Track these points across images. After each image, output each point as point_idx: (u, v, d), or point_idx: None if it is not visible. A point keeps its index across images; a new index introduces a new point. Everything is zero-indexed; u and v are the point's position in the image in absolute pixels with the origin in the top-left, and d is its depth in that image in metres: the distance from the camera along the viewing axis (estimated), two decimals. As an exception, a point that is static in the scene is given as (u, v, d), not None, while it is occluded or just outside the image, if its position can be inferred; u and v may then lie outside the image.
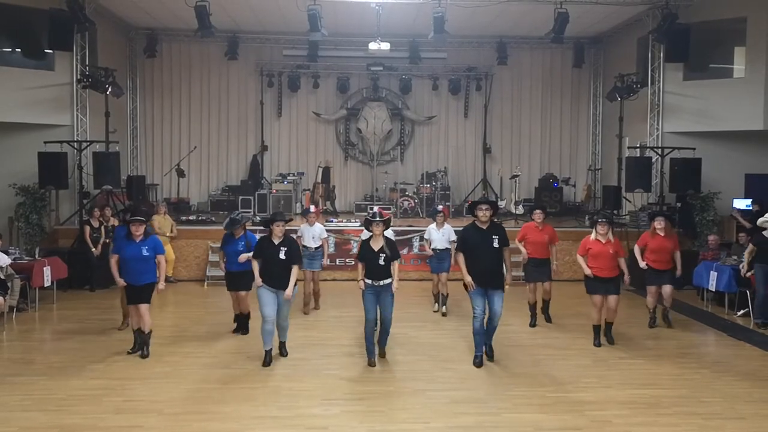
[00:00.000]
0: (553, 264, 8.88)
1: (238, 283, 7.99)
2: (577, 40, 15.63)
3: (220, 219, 12.46)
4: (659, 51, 13.15)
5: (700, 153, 12.25)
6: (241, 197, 14.92)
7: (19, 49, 12.73)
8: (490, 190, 16.18)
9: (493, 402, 5.95)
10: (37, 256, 9.77)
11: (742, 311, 9.42)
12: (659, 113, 13.38)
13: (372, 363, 6.97)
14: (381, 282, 6.91)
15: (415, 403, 5.92)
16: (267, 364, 6.91)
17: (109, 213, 11.48)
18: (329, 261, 9.90)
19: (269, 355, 6.98)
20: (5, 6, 11.81)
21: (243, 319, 8.33)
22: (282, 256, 6.89)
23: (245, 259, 7.66)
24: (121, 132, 14.77)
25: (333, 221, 13.06)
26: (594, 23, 14.48)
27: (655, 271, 8.59)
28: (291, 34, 15.41)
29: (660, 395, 6.15)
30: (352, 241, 12.05)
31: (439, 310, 9.57)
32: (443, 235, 9.40)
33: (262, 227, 8.80)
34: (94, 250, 10.95)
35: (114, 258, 7.30)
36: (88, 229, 11.04)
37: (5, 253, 8.94)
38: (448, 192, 15.46)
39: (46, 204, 12.39)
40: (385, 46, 13.17)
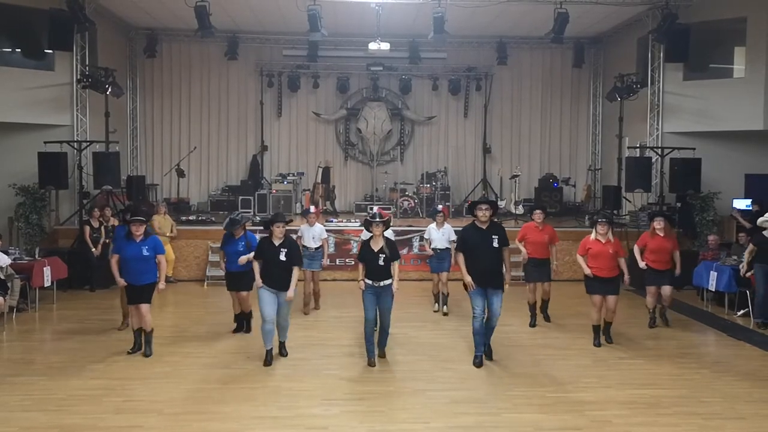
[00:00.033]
0: (553, 264, 8.90)
1: (239, 283, 8.00)
2: (577, 40, 15.63)
3: (220, 219, 12.45)
4: (659, 51, 13.15)
5: (700, 153, 12.26)
6: (241, 197, 14.92)
7: (19, 49, 12.74)
8: (490, 190, 16.17)
9: (493, 402, 5.95)
10: (37, 256, 9.77)
11: (742, 311, 9.43)
12: (659, 113, 13.38)
13: (372, 363, 6.97)
14: (381, 282, 6.92)
15: (415, 403, 5.92)
16: (268, 363, 6.93)
17: (109, 213, 11.48)
18: (329, 261, 9.91)
19: (270, 355, 6.99)
20: (5, 6, 11.82)
21: (245, 317, 8.35)
22: (282, 257, 6.90)
23: (245, 261, 7.68)
24: (121, 132, 14.77)
25: (333, 221, 13.07)
26: (594, 23, 14.48)
27: (655, 271, 8.60)
28: (291, 34, 15.41)
29: (660, 395, 6.15)
30: (352, 241, 12.05)
31: (440, 309, 9.57)
32: (443, 234, 9.42)
33: (262, 228, 8.80)
34: (94, 250, 10.96)
35: (114, 258, 7.32)
36: (88, 229, 11.05)
37: (5, 253, 8.94)
38: (448, 192, 15.45)
39: (46, 204, 12.40)
40: (385, 46, 13.17)
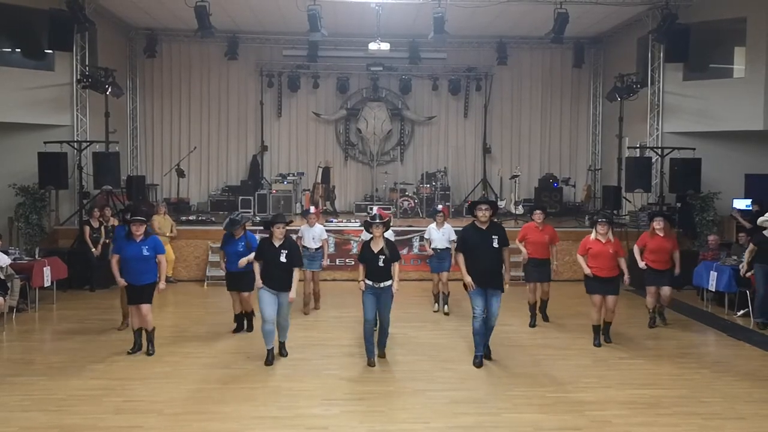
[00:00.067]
0: (553, 264, 8.90)
1: (239, 283, 8.00)
2: (577, 40, 15.63)
3: (220, 219, 12.45)
4: (659, 51, 13.15)
5: (700, 153, 12.25)
6: (241, 197, 14.92)
7: (19, 49, 12.73)
8: (490, 190, 16.17)
9: (493, 402, 5.95)
10: (37, 257, 9.77)
11: (742, 311, 9.42)
12: (659, 113, 13.37)
13: (371, 363, 6.98)
14: (381, 284, 6.92)
15: (415, 403, 5.92)
16: (269, 362, 6.95)
17: (109, 213, 11.48)
18: (329, 261, 9.91)
19: (271, 354, 7.01)
20: (5, 6, 11.82)
21: (247, 316, 8.37)
22: (283, 258, 6.90)
23: (245, 263, 7.69)
24: (121, 132, 14.77)
25: (333, 221, 13.07)
26: (594, 23, 14.48)
27: (655, 271, 8.61)
28: (291, 34, 15.41)
29: (660, 395, 6.15)
30: (352, 242, 12.05)
31: (440, 309, 9.58)
32: (443, 234, 9.43)
33: (262, 228, 8.80)
34: (94, 250, 10.96)
35: (115, 258, 7.32)
36: (87, 229, 11.05)
37: (5, 253, 8.94)
38: (448, 192, 15.44)
39: (46, 204, 12.39)
40: (385, 46, 13.16)
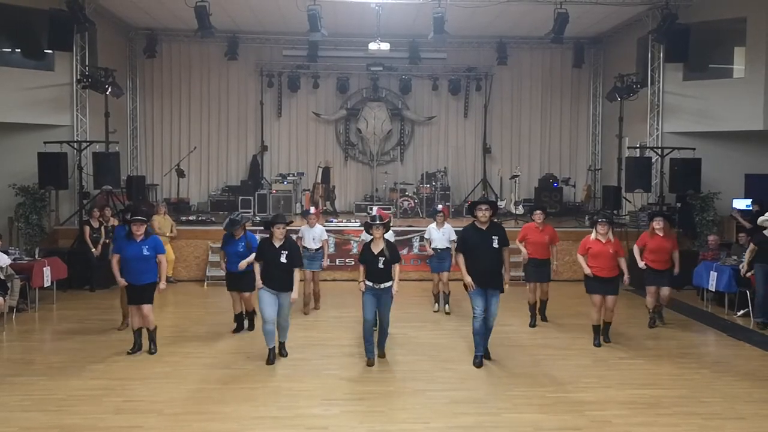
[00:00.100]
0: (553, 264, 8.91)
1: (240, 283, 8.00)
2: (576, 40, 15.63)
3: (220, 219, 12.46)
4: (659, 51, 13.15)
5: (700, 153, 12.25)
6: (241, 197, 14.92)
7: (19, 49, 12.74)
8: (490, 190, 16.17)
9: (493, 402, 5.95)
10: (36, 257, 9.76)
11: (742, 311, 9.43)
12: (659, 113, 13.37)
13: (371, 363, 6.98)
14: (381, 285, 6.93)
15: (415, 403, 5.92)
16: (270, 361, 6.96)
17: (108, 213, 11.48)
18: (329, 261, 9.91)
19: (273, 353, 7.03)
20: (5, 6, 11.81)
21: (249, 315, 8.39)
22: (283, 259, 6.90)
23: (245, 265, 7.70)
24: (121, 132, 14.77)
25: (333, 221, 13.07)
26: (594, 23, 14.48)
27: (654, 271, 8.62)
28: (291, 34, 15.41)
29: (660, 395, 6.15)
30: (352, 242, 12.06)
31: (441, 309, 9.59)
32: (443, 234, 9.43)
33: (262, 228, 8.80)
34: (94, 250, 10.96)
35: (115, 258, 7.32)
36: (87, 229, 11.05)
37: (5, 253, 8.94)
38: (448, 192, 15.44)
39: (46, 204, 12.39)
40: (385, 46, 13.16)
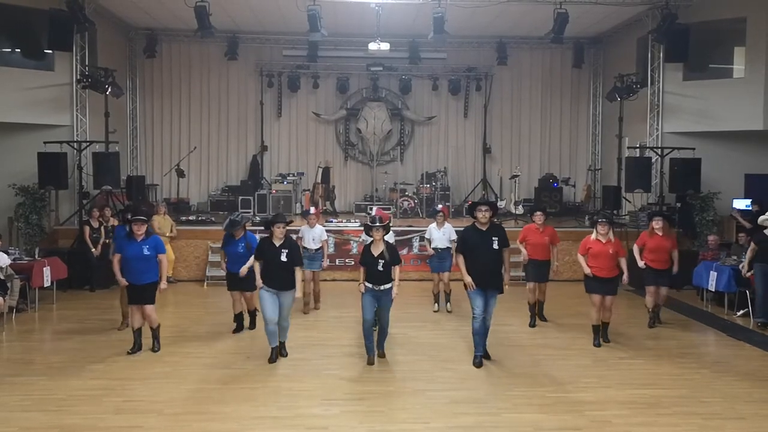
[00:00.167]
0: (554, 265, 8.90)
1: (241, 283, 7.98)
2: (576, 40, 15.63)
3: (220, 219, 12.46)
4: (659, 51, 13.14)
5: (699, 153, 12.25)
6: (240, 197, 14.92)
7: (19, 49, 12.73)
8: (489, 190, 16.17)
9: (493, 402, 5.95)
10: (36, 257, 9.76)
11: (742, 311, 9.43)
12: (659, 113, 13.37)
13: (371, 361, 6.99)
14: (381, 287, 6.93)
15: (415, 403, 5.92)
16: (272, 360, 6.99)
17: (108, 213, 11.47)
18: (329, 261, 9.91)
19: (275, 352, 7.05)
20: (5, 6, 11.81)
21: (250, 315, 8.40)
22: (283, 258, 6.91)
23: (246, 271, 7.68)
24: (121, 132, 14.77)
25: (333, 221, 13.06)
26: (594, 23, 14.48)
27: (654, 270, 8.63)
28: (291, 34, 15.41)
29: (660, 395, 6.15)
30: (352, 242, 12.06)
31: (442, 308, 9.61)
32: (444, 234, 9.43)
33: (263, 227, 8.80)
34: (94, 250, 10.95)
35: (116, 257, 7.32)
36: (87, 229, 11.04)
37: (5, 253, 8.94)
38: (447, 192, 15.43)
39: (46, 204, 12.39)
40: (385, 46, 13.16)
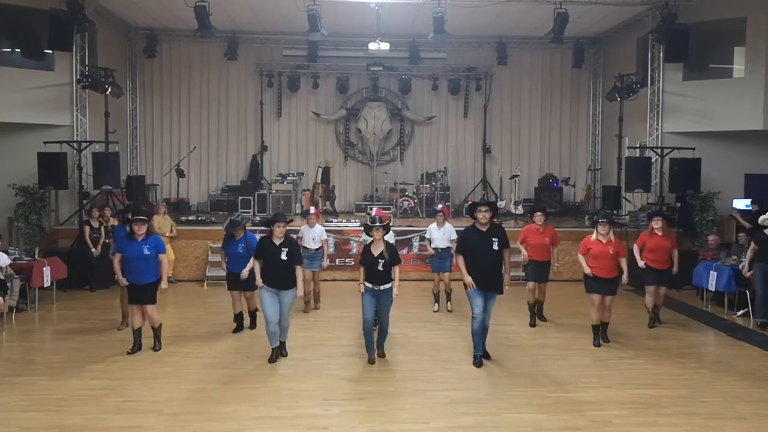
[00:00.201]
0: (554, 265, 8.90)
1: (242, 283, 7.96)
2: (576, 40, 15.63)
3: (219, 219, 12.46)
4: (659, 51, 13.15)
5: (699, 153, 12.26)
6: (240, 197, 14.92)
7: (19, 49, 12.73)
8: (489, 190, 16.17)
9: (493, 402, 5.95)
10: (36, 257, 9.76)
11: (742, 311, 9.43)
12: (659, 113, 13.37)
13: (372, 360, 7.01)
14: (381, 286, 6.94)
15: (415, 403, 5.92)
16: (273, 360, 7.00)
17: (108, 213, 11.47)
18: (329, 261, 9.91)
19: (275, 353, 7.06)
20: (5, 6, 11.81)
21: (251, 314, 8.40)
22: (284, 256, 6.91)
23: (246, 275, 7.67)
24: (121, 132, 14.76)
25: (333, 221, 13.06)
26: (594, 23, 14.48)
27: (654, 270, 8.64)
28: (291, 34, 15.41)
29: (660, 395, 6.15)
30: (352, 242, 12.06)
31: (442, 308, 9.61)
32: (444, 234, 9.43)
33: (263, 227, 8.80)
34: (94, 250, 10.95)
35: (117, 257, 7.32)
36: (87, 229, 11.04)
37: (5, 253, 8.94)
38: (447, 192, 15.43)
39: (46, 204, 12.39)
40: (385, 46, 13.16)
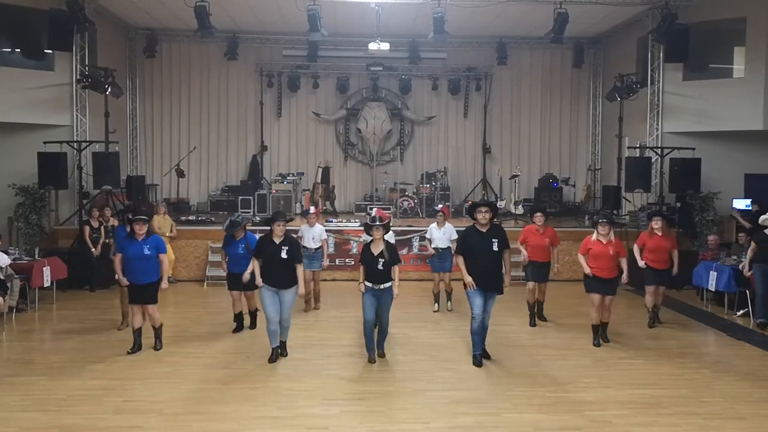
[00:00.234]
0: (554, 266, 8.90)
1: (241, 283, 7.94)
2: (576, 40, 15.63)
3: (219, 219, 12.46)
4: (659, 51, 13.15)
5: (699, 153, 12.26)
6: (240, 197, 14.91)
7: (19, 49, 12.73)
8: (489, 190, 16.17)
9: (493, 402, 5.95)
10: (36, 257, 9.76)
11: (742, 311, 9.43)
12: (659, 113, 13.37)
13: (372, 359, 7.01)
14: (381, 286, 6.94)
15: (415, 403, 5.92)
16: (273, 360, 7.00)
17: (108, 213, 11.46)
18: (329, 261, 9.91)
19: (275, 352, 7.06)
20: (5, 6, 11.81)
21: (252, 314, 8.40)
22: (284, 255, 6.91)
23: (248, 277, 7.64)
24: (121, 132, 14.76)
25: (333, 221, 13.06)
26: (594, 23, 14.48)
27: (654, 270, 8.65)
28: (291, 34, 15.41)
29: (660, 395, 6.15)
30: (352, 242, 12.06)
31: (442, 308, 9.61)
32: (444, 233, 9.43)
33: (263, 227, 8.80)
34: (94, 250, 10.95)
35: (117, 257, 7.32)
36: (87, 229, 11.04)
37: (5, 253, 8.94)
38: (447, 192, 15.43)
39: (46, 204, 12.39)
40: (385, 46, 13.16)
